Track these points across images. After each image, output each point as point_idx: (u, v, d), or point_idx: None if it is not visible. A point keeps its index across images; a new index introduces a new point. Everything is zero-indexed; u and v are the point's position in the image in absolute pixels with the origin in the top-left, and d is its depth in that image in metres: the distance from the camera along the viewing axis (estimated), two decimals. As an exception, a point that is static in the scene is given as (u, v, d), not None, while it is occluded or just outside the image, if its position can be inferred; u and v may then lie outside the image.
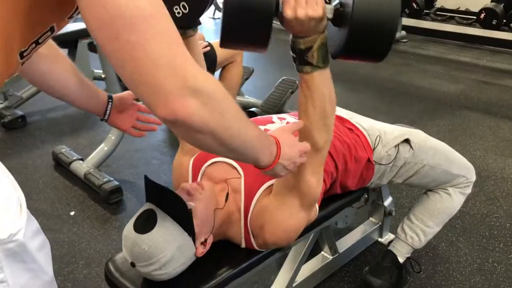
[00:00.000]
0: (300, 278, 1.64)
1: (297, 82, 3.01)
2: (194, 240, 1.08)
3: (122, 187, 2.33)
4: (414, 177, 1.53)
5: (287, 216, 1.17)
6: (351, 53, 1.03)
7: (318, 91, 1.05)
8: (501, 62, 4.49)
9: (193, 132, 0.70)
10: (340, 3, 1.01)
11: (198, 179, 1.29)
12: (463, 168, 1.59)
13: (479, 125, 3.09)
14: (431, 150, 1.53)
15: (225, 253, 1.24)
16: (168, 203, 1.06)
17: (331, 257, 1.76)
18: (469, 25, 4.37)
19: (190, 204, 1.10)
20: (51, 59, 1.09)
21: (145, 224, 1.05)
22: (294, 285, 1.60)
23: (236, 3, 0.91)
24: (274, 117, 1.46)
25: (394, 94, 3.69)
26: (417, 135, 1.54)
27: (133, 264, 1.06)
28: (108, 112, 1.24)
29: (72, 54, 3.14)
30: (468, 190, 1.60)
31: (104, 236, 2.05)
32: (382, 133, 1.51)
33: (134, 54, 0.61)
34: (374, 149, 1.47)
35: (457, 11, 4.55)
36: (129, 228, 1.07)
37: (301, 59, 1.03)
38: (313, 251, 1.68)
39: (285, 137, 0.97)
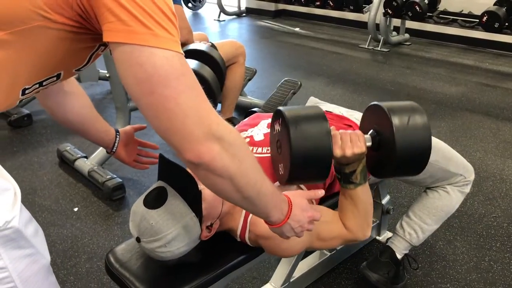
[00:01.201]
0: (297, 273, 1.67)
1: (299, 83, 3.04)
2: (200, 222, 1.12)
3: (125, 184, 2.37)
4: None
5: (292, 245, 1.21)
6: (395, 174, 1.26)
7: (361, 201, 1.25)
8: (503, 65, 4.50)
9: (214, 176, 0.76)
10: (376, 131, 1.21)
11: None
12: (461, 166, 1.60)
13: (480, 127, 3.10)
14: None
15: (221, 246, 1.28)
16: (180, 182, 1.09)
17: (329, 254, 1.79)
18: (472, 28, 4.38)
19: (201, 185, 1.14)
20: (72, 96, 1.16)
21: (155, 200, 1.08)
22: (291, 280, 1.63)
23: (301, 154, 1.09)
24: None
25: (395, 96, 3.71)
26: None
27: (138, 239, 1.09)
28: (116, 145, 1.31)
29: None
30: (467, 189, 1.62)
31: (107, 232, 2.09)
32: None
33: (167, 106, 0.69)
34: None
35: (460, 14, 4.55)
36: (138, 203, 1.11)
37: (346, 180, 1.23)
38: (311, 248, 1.71)
39: (298, 200, 1.02)
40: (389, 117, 1.13)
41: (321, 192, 1.12)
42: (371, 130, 1.22)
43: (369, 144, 1.19)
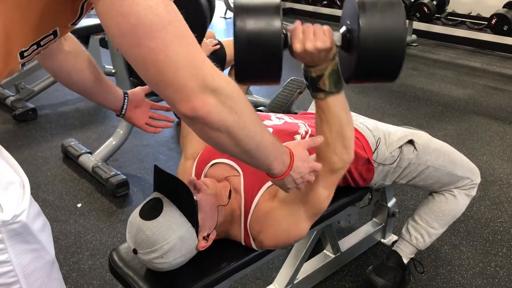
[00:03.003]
0: (301, 275, 1.66)
1: (305, 82, 3.02)
2: (197, 233, 1.10)
3: (129, 181, 2.36)
4: (418, 178, 1.54)
5: (292, 224, 1.18)
6: (363, 78, 1.07)
7: (334, 115, 1.09)
8: (511, 68, 4.46)
9: (211, 130, 0.73)
10: (348, 29, 1.03)
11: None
12: (467, 170, 1.59)
13: (487, 130, 3.08)
14: (435, 151, 1.54)
15: (226, 247, 1.26)
16: (176, 192, 1.08)
17: (333, 256, 1.78)
18: (480, 30, 4.35)
19: (197, 196, 1.13)
20: (74, 55, 1.13)
21: (151, 211, 1.07)
22: (295, 282, 1.62)
23: (245, 41, 0.94)
24: (272, 115, 1.48)
25: (402, 97, 3.68)
26: (421, 137, 1.55)
27: (135, 251, 1.08)
28: (125, 107, 1.27)
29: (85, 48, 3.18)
30: (473, 192, 1.60)
31: (110, 229, 2.08)
32: (386, 134, 1.52)
33: (156, 58, 0.65)
34: (375, 150, 1.48)
35: (468, 16, 4.52)
36: (134, 214, 1.10)
37: (314, 86, 1.07)
38: (315, 250, 1.70)
39: (299, 151, 0.99)
40: (357, 9, 0.96)
41: (320, 139, 1.08)
42: (343, 28, 1.06)
43: (338, 43, 1.03)
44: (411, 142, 1.51)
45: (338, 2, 5.20)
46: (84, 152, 2.57)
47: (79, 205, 2.25)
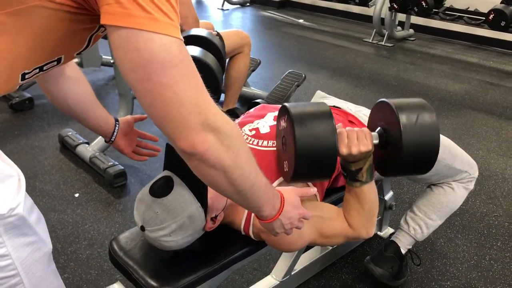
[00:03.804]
0: (299, 266, 1.67)
1: (303, 75, 3.02)
2: (205, 213, 1.11)
3: (127, 172, 2.36)
4: None
5: (297, 241, 1.20)
6: (401, 172, 1.27)
7: (366, 199, 1.23)
8: (508, 63, 4.48)
9: (207, 167, 0.75)
10: (384, 129, 1.19)
11: None
12: (466, 163, 1.60)
13: (483, 125, 3.10)
14: None
15: (226, 237, 1.27)
16: (186, 172, 1.08)
17: (330, 248, 1.79)
18: (478, 25, 4.36)
19: None
20: (73, 80, 1.13)
21: (161, 189, 1.08)
22: (292, 273, 1.63)
23: (306, 153, 1.08)
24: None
25: (398, 91, 3.70)
26: None
27: (142, 228, 1.08)
28: (115, 134, 1.28)
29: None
30: (471, 186, 1.62)
31: (108, 219, 2.08)
32: None
33: (164, 94, 0.67)
34: None
35: (466, 11, 4.53)
36: (144, 191, 1.10)
37: (352, 178, 1.21)
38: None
39: (291, 197, 1.01)
40: (396, 114, 1.12)
41: (313, 190, 1.14)
42: (379, 128, 1.21)
43: (376, 142, 1.18)
44: None
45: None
46: (81, 142, 2.57)
47: (76, 195, 2.25)
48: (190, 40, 2.29)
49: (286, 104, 1.15)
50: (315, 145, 1.07)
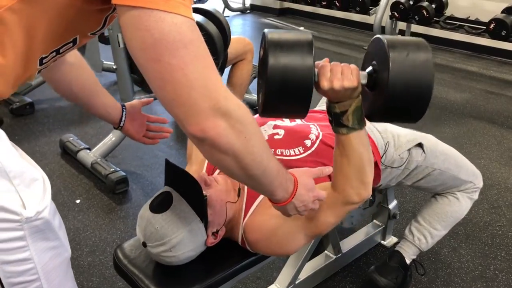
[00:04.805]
0: (303, 275, 1.66)
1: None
2: (206, 228, 1.10)
3: (128, 178, 2.34)
4: (423, 180, 1.54)
5: (287, 238, 1.16)
6: (386, 117, 1.08)
7: (355, 151, 1.08)
8: (508, 73, 4.49)
9: (218, 153, 0.73)
10: (374, 69, 1.05)
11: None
12: (471, 174, 1.60)
13: (485, 134, 3.10)
14: (442, 155, 1.54)
15: (230, 247, 1.25)
16: (186, 187, 1.08)
17: (334, 257, 1.78)
18: (478, 34, 4.37)
19: (207, 191, 1.13)
20: (76, 67, 1.12)
21: (160, 204, 1.08)
22: (297, 282, 1.62)
23: (278, 81, 0.94)
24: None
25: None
26: (429, 139, 1.55)
27: (144, 244, 1.09)
28: (123, 119, 1.27)
29: (83, 45, 3.16)
30: (476, 196, 1.62)
31: (109, 225, 2.07)
32: (395, 136, 1.51)
33: (174, 76, 0.65)
34: (384, 153, 1.47)
35: (466, 20, 4.54)
36: (145, 208, 1.11)
37: (337, 122, 1.06)
38: (316, 250, 1.69)
39: (304, 179, 0.98)
40: (386, 51, 0.98)
41: (328, 170, 1.07)
42: (369, 67, 1.08)
43: (364, 82, 1.04)
44: (419, 145, 1.51)
45: (337, 4, 5.20)
46: (82, 147, 2.55)
47: (77, 201, 2.24)
48: (194, 11, 2.32)
49: (265, 30, 1.04)
50: (290, 72, 0.94)
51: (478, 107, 3.59)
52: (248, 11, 7.05)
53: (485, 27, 4.19)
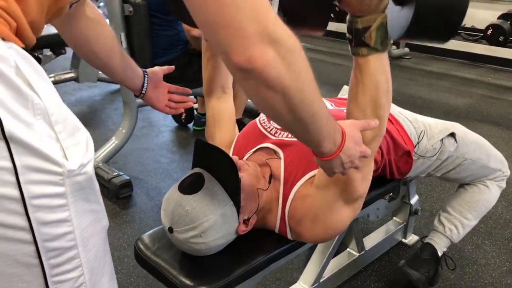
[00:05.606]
0: (327, 274, 1.56)
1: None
2: (238, 213, 1.01)
3: (132, 182, 2.24)
4: (453, 171, 1.48)
5: (329, 212, 1.05)
6: (416, 35, 0.97)
7: (372, 78, 0.95)
8: (506, 79, 4.49)
9: (265, 88, 0.63)
10: None
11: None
12: (499, 162, 1.55)
13: (492, 136, 3.06)
14: (473, 144, 1.48)
15: (260, 237, 1.16)
16: (219, 167, 0.98)
17: (358, 254, 1.69)
18: (475, 41, 4.40)
19: (240, 173, 1.03)
20: (96, 23, 1.04)
21: (191, 185, 0.98)
22: (321, 280, 1.52)
23: None
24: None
25: (401, 104, 3.63)
26: (459, 129, 1.49)
27: (171, 229, 0.98)
28: (145, 85, 1.19)
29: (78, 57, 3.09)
30: (504, 184, 1.56)
31: (115, 230, 1.95)
32: (427, 127, 1.45)
33: None
34: (418, 143, 1.40)
35: (463, 27, 4.57)
36: (173, 189, 1.00)
37: (358, 39, 0.92)
38: (338, 249, 1.60)
39: (352, 131, 0.87)
40: None
41: (374, 123, 0.94)
42: None
43: None
44: (452, 134, 1.45)
45: (331, 15, 5.21)
46: (83, 153, 2.45)
47: (80, 206, 2.12)
48: None
49: None
50: None
51: (481, 111, 3.57)
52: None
53: (482, 34, 4.22)
